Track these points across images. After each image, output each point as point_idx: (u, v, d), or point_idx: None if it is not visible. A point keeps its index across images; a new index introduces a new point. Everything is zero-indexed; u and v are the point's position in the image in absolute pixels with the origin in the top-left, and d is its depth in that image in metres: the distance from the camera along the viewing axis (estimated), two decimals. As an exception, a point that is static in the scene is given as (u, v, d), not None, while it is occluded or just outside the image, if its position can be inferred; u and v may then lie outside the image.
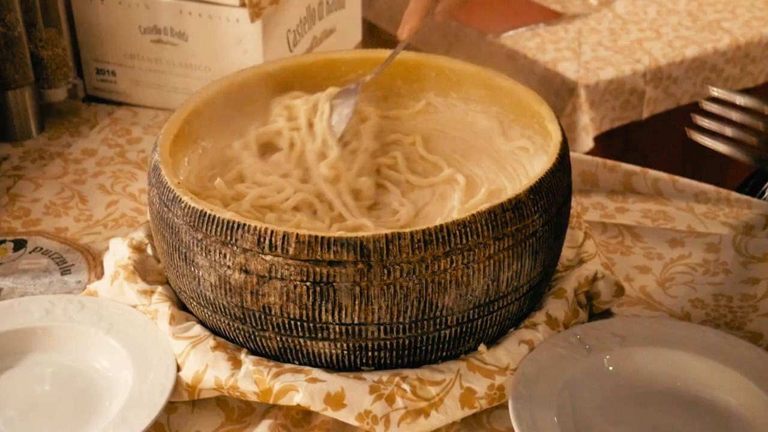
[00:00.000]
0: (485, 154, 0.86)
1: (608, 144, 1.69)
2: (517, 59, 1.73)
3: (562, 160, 0.74)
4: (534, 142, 0.83)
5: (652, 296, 0.84)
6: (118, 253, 0.81)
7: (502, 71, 0.87)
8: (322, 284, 0.65)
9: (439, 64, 0.90)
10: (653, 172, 1.00)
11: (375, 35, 1.88)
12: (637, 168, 1.01)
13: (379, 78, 0.88)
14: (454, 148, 0.87)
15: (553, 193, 0.72)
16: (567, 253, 0.82)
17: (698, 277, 0.86)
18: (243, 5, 1.05)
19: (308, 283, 0.66)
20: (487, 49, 1.76)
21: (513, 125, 0.86)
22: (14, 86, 1.07)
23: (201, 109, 0.82)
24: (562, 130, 0.78)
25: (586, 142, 1.62)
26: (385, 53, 0.90)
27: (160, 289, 0.77)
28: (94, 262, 0.87)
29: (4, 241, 0.90)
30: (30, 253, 0.89)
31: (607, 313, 0.80)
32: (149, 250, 0.82)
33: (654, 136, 1.79)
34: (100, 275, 0.84)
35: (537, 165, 0.81)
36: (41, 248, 0.89)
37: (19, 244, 0.90)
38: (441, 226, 0.66)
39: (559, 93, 1.63)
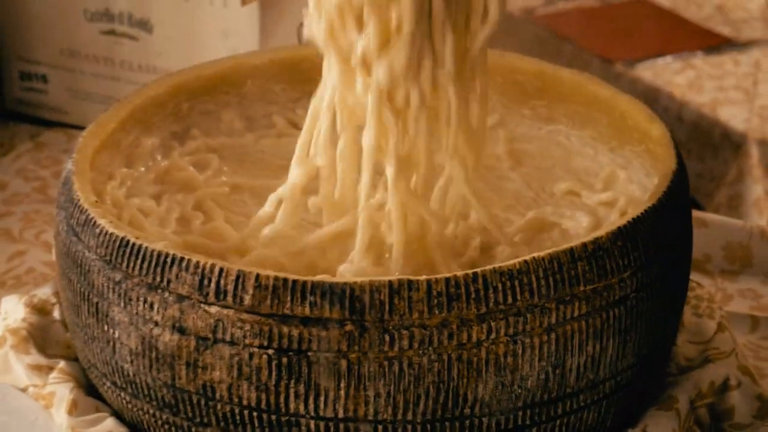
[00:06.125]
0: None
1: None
2: (659, 100, 1.74)
3: (675, 199, 0.75)
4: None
5: (821, 426, 0.83)
6: (10, 314, 0.84)
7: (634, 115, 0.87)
8: (291, 354, 0.66)
9: (510, 64, 0.92)
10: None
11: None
12: (813, 241, 1.01)
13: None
14: None
15: (655, 244, 0.72)
16: (687, 350, 0.84)
17: None
18: (232, -18, 1.10)
19: (270, 351, 0.66)
20: (615, 83, 1.77)
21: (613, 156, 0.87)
22: None
23: (147, 108, 0.85)
24: (679, 157, 0.79)
25: (758, 223, 1.61)
26: None
27: (62, 364, 0.79)
28: (-21, 332, 0.89)
29: None
30: None
31: (744, 444, 0.80)
32: (56, 314, 0.84)
33: None
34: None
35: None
36: None
37: None
38: (475, 273, 0.66)
39: (718, 150, 1.64)
